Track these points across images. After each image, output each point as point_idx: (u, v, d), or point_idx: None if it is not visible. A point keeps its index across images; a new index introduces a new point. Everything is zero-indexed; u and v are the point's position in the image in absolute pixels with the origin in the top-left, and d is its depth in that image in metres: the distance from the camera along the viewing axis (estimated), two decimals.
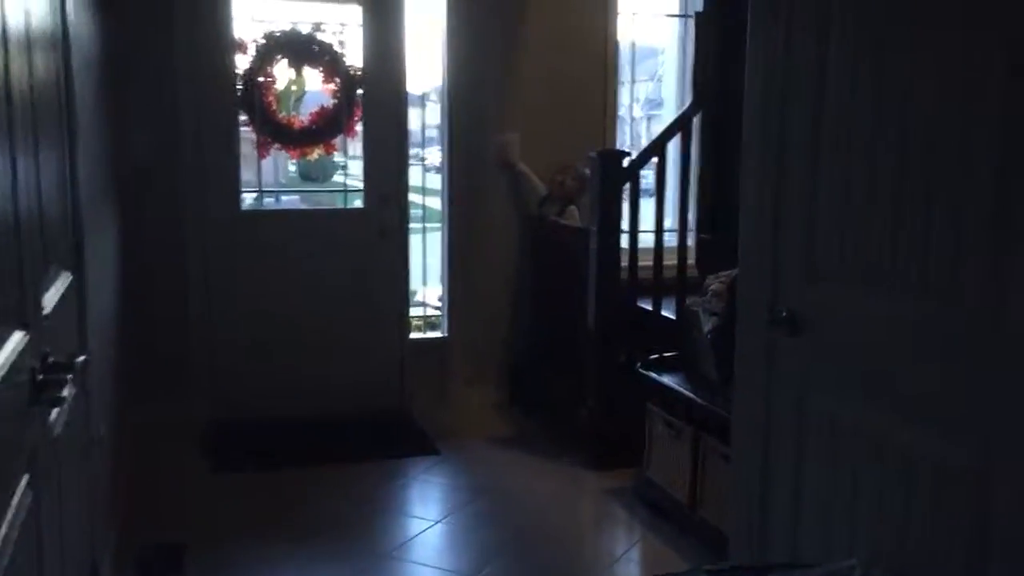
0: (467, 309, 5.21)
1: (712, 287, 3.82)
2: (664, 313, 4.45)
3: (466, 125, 5.06)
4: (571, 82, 5.14)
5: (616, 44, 5.23)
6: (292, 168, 5.69)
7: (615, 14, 5.18)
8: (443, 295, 5.29)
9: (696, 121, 4.45)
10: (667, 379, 3.87)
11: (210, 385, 4.81)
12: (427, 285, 5.60)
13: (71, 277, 2.33)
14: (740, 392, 2.70)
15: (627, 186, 4.30)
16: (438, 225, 5.30)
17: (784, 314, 2.43)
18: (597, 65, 5.20)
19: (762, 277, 2.53)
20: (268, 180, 5.08)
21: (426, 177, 5.75)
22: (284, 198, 5.82)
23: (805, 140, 2.34)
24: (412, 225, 5.12)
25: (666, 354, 4.03)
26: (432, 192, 5.64)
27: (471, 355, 5.23)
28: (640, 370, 3.97)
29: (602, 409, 4.41)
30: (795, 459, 2.46)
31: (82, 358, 2.00)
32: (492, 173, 5.13)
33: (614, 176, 4.25)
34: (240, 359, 4.84)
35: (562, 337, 4.92)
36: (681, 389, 3.72)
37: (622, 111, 5.63)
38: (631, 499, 4.04)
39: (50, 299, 1.98)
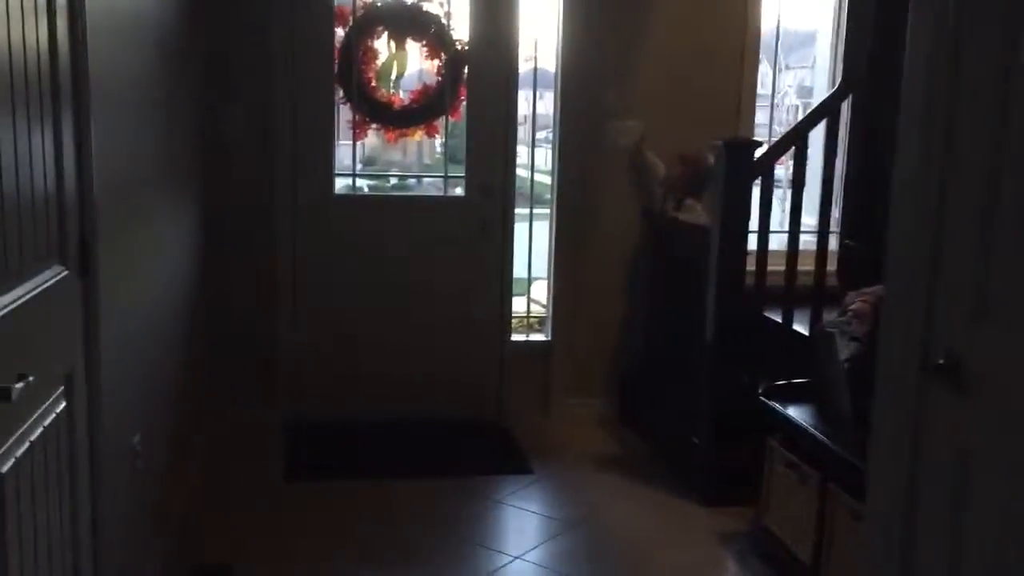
0: (575, 311, 4.72)
1: (853, 306, 3.22)
2: (796, 328, 3.85)
3: (581, 109, 4.56)
4: (703, 66, 4.57)
5: (758, 25, 4.62)
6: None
7: None
8: (548, 295, 4.81)
9: (845, 108, 3.81)
10: (793, 412, 3.29)
11: (294, 384, 4.49)
12: (533, 280, 5.12)
13: (59, 275, 1.96)
14: (878, 448, 2.14)
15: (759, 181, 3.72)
16: (547, 211, 4.80)
17: (942, 361, 1.86)
18: (733, 47, 4.60)
19: (913, 308, 1.96)
20: (347, 166, 4.68)
21: (543, 157, 5.23)
22: (365, 188, 5.47)
23: (982, 140, 1.76)
24: (519, 211, 4.65)
25: (794, 381, 3.44)
26: (544, 171, 5.16)
27: (578, 363, 4.74)
28: (762, 398, 3.40)
29: (717, 437, 3.85)
30: (949, 544, 1.89)
31: (30, 379, 1.62)
32: (608, 162, 4.61)
33: (742, 169, 3.67)
34: (327, 357, 4.50)
35: (680, 349, 4.37)
36: (808, 427, 3.13)
37: (765, 96, 4.99)
38: (744, 547, 3.48)
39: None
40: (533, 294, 5.30)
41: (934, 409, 1.91)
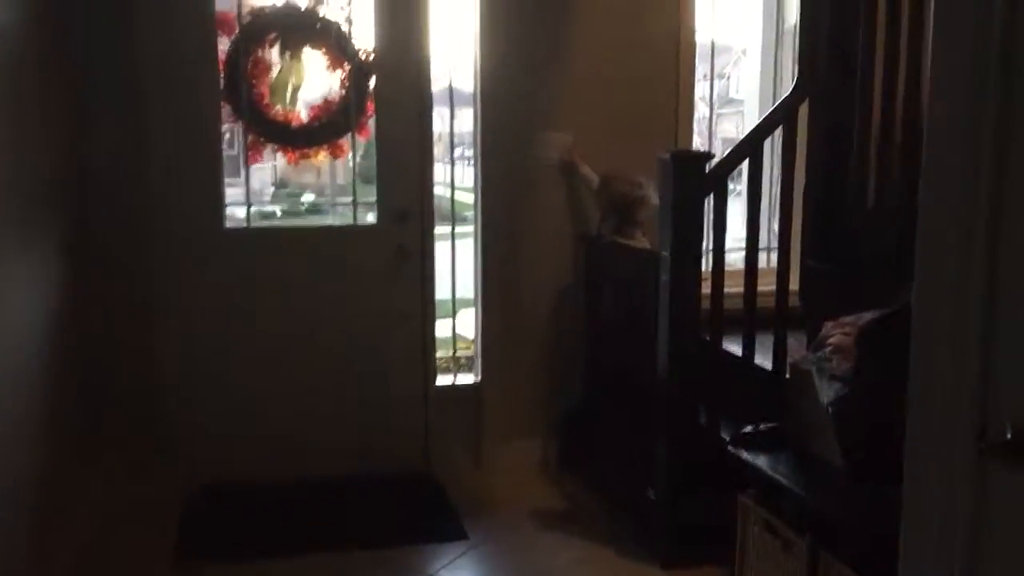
0: (506, 345, 4.22)
1: (831, 340, 2.78)
2: (758, 361, 3.42)
3: (503, 124, 4.07)
4: (635, 76, 4.14)
5: (693, 33, 4.21)
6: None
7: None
8: (476, 327, 4.31)
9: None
10: (767, 464, 2.83)
11: (188, 448, 3.89)
12: (459, 308, 4.60)
13: None
14: (916, 538, 1.68)
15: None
16: (471, 231, 4.30)
17: (1009, 436, 1.41)
18: (667, 57, 4.18)
19: (961, 369, 1.51)
20: (258, 190, 4.13)
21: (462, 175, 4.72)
22: (278, 212, 4.91)
23: None
24: (440, 229, 4.13)
25: (765, 426, 2.99)
26: (465, 188, 4.66)
27: (512, 403, 4.24)
28: (731, 449, 2.94)
29: (675, 488, 3.39)
30: None
31: None
32: (536, 180, 4.14)
33: (693, 184, 3.23)
34: (225, 415, 3.92)
35: (627, 386, 3.91)
36: (790, 484, 2.68)
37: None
38: None
39: None
40: (459, 325, 4.80)
41: (1003, 493, 1.47)
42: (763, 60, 4.99)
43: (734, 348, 3.46)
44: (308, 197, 5.15)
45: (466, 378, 4.30)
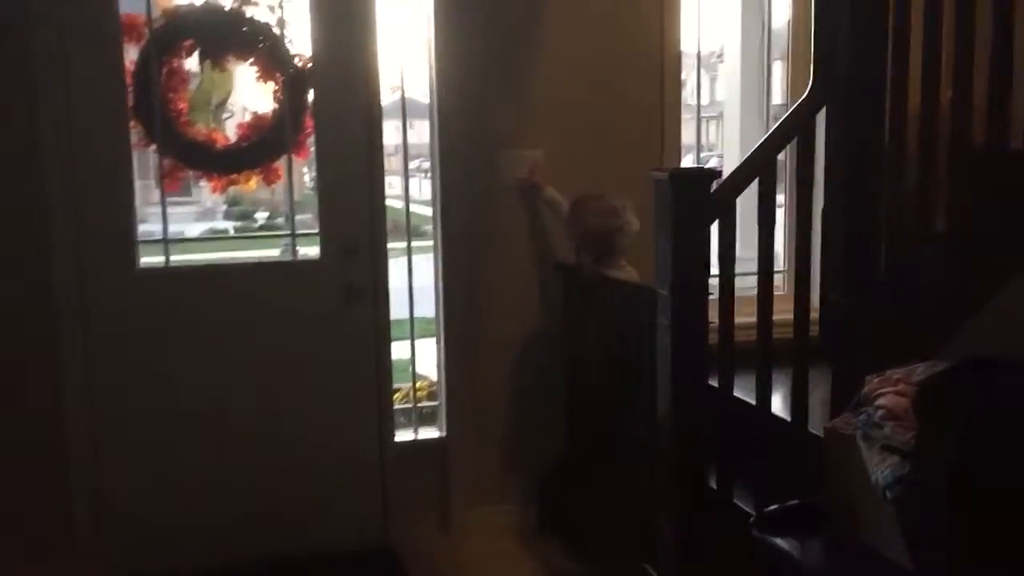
0: (475, 391, 3.67)
1: (882, 400, 2.26)
2: (776, 411, 2.90)
3: (466, 135, 3.54)
4: (613, 86, 3.64)
5: (677, 37, 3.72)
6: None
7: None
8: (439, 371, 3.74)
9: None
10: (801, 552, 2.30)
11: (104, 531, 3.29)
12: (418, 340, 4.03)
13: None
14: None
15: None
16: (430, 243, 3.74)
17: None
18: (649, 65, 3.68)
19: None
20: (177, 224, 3.55)
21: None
22: (231, 230, 4.32)
23: None
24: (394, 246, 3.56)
25: (793, 503, 2.46)
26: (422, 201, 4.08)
27: (483, 461, 3.69)
28: (755, 533, 2.40)
29: (677, 564, 2.86)
30: None
31: None
32: (507, 202, 3.61)
33: (697, 209, 2.70)
34: (144, 491, 3.32)
35: (617, 439, 3.38)
36: None
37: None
38: None
39: None
40: (420, 359, 4.23)
41: None
42: (743, 63, 4.53)
43: (745, 393, 2.93)
44: (262, 215, 4.63)
45: (429, 432, 3.73)
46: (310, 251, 3.46)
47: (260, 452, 3.40)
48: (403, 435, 3.69)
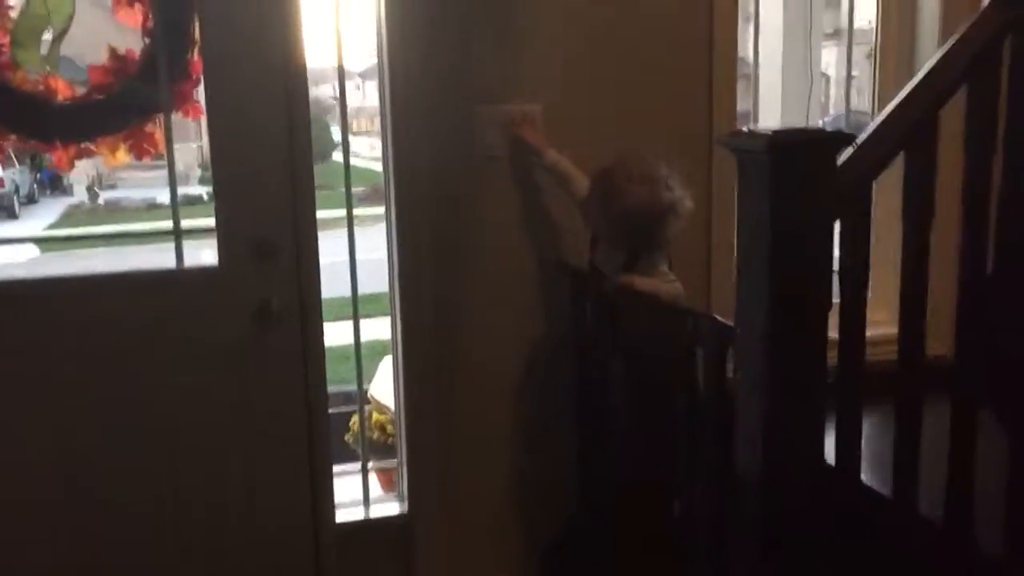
0: (449, 441, 2.64)
1: None
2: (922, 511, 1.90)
3: (430, 91, 2.46)
4: (640, 28, 2.58)
5: None
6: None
7: None
8: (399, 413, 2.69)
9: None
10: None
11: None
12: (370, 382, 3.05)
13: None
14: None
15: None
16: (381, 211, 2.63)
17: None
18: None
19: None
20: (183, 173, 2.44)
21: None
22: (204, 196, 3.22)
23: None
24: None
25: None
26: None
27: (464, 537, 2.67)
28: None
29: None
30: None
31: None
32: (488, 177, 2.55)
33: (817, 196, 1.66)
34: None
35: (647, 504, 2.39)
36: None
37: None
38: None
39: None
40: (375, 390, 3.27)
41: None
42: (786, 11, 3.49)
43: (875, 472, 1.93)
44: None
45: (387, 508, 2.67)
46: (206, 256, 2.37)
47: (135, 549, 2.34)
48: (347, 517, 2.62)
